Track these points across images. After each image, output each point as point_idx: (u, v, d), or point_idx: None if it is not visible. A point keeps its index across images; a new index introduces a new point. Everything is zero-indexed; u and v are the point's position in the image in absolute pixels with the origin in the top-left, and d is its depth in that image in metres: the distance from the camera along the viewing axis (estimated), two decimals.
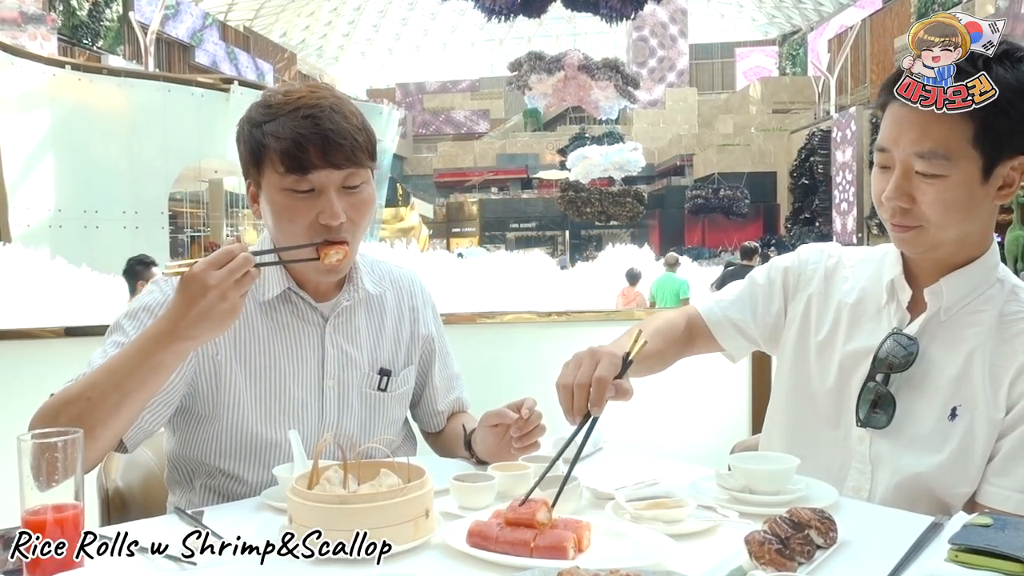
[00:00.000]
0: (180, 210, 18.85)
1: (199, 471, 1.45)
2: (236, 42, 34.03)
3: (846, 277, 1.45)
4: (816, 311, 1.45)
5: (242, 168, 1.41)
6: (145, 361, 1.19)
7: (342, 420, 1.45)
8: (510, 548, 1.02)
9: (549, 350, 2.97)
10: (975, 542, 0.93)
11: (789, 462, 1.24)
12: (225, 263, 1.16)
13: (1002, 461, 1.25)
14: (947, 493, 1.28)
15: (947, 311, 1.31)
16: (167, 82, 15.40)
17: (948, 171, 1.22)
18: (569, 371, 1.24)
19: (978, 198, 1.25)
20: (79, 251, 11.21)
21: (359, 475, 1.15)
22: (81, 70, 14.49)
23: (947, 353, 1.30)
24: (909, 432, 1.31)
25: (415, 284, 1.62)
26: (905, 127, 1.24)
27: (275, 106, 1.35)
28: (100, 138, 14.06)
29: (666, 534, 1.07)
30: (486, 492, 1.23)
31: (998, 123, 1.20)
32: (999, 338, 1.28)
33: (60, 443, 0.94)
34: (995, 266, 1.33)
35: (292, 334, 1.44)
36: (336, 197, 1.34)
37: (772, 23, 46.45)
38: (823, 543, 1.01)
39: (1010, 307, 1.30)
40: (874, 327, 1.36)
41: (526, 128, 46.13)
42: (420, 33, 54.40)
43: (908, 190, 1.25)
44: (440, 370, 1.63)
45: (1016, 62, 1.21)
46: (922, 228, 1.27)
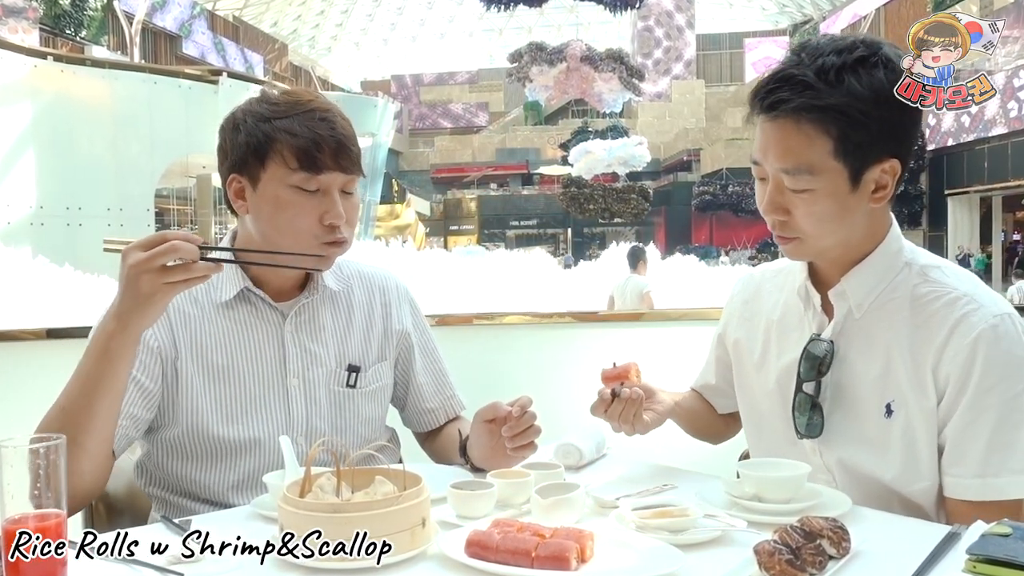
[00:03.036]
0: (167, 207, 18.84)
1: (165, 479, 1.47)
2: (225, 32, 34.07)
3: (770, 292, 1.49)
4: (745, 335, 1.51)
5: (230, 161, 1.43)
6: (99, 353, 1.22)
7: (311, 419, 1.48)
8: (510, 558, 1.02)
9: (550, 353, 2.98)
10: (993, 552, 0.93)
11: (800, 469, 1.25)
12: (153, 246, 1.17)
13: (951, 450, 1.26)
14: (909, 491, 1.30)
15: (859, 308, 1.33)
16: (153, 74, 15.42)
17: (815, 185, 1.25)
18: None
19: (850, 206, 1.27)
20: (62, 250, 11.22)
21: (353, 482, 1.15)
22: (64, 61, 14.51)
23: (868, 350, 1.32)
24: (854, 435, 1.33)
25: (388, 281, 1.64)
26: (771, 143, 1.27)
27: (283, 104, 1.40)
28: (83, 132, 14.07)
29: (672, 544, 1.07)
30: (485, 500, 1.23)
31: (856, 134, 1.23)
32: (914, 323, 1.29)
33: (42, 450, 0.95)
34: (898, 251, 1.34)
35: (251, 333, 1.46)
36: (339, 199, 1.40)
37: (783, 12, 46.50)
38: (836, 553, 1.01)
39: (921, 289, 1.31)
40: (799, 336, 1.39)
41: (527, 122, 46.18)
42: (416, 23, 54.45)
43: (782, 203, 1.29)
44: (425, 367, 1.65)
45: (871, 68, 1.23)
46: (800, 239, 1.31)
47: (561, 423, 1.44)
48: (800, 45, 1.28)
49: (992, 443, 1.22)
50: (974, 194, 23.90)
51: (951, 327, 1.25)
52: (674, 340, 2.59)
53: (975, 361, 1.23)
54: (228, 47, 32.91)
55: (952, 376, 1.25)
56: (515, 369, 2.78)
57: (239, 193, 1.43)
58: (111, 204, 14.24)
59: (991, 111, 21.16)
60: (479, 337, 2.83)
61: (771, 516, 1.17)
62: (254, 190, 1.41)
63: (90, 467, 1.26)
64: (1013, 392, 1.23)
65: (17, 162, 13.41)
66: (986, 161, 22.48)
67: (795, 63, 1.25)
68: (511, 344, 2.86)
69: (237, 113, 1.43)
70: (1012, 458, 1.22)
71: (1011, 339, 1.24)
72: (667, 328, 2.88)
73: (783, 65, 1.27)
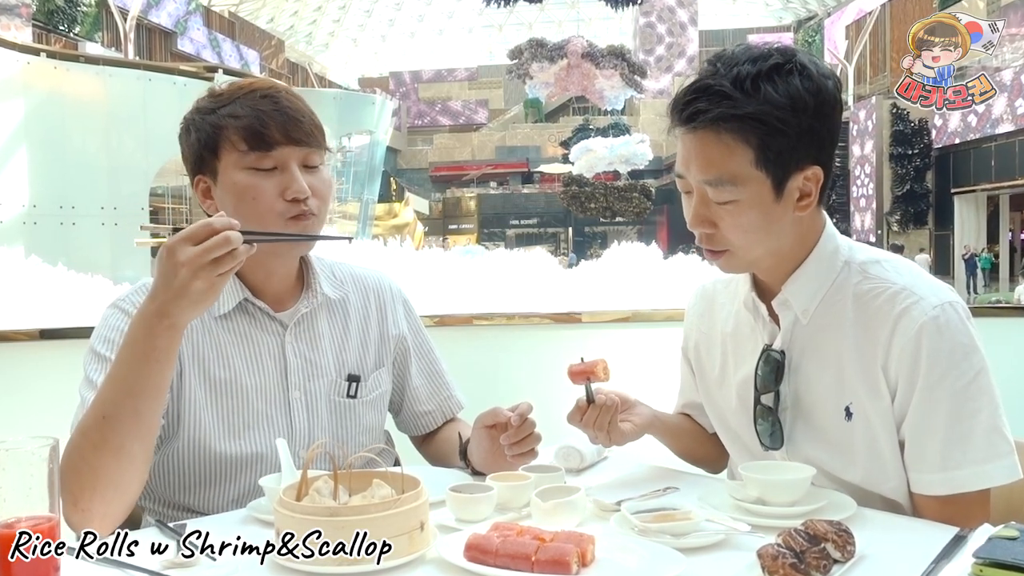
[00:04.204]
0: (161, 206, 18.83)
1: (162, 494, 1.44)
2: (221, 28, 34.06)
3: (723, 304, 1.50)
4: (706, 351, 1.51)
5: (190, 165, 1.45)
6: (142, 354, 1.18)
7: (312, 431, 1.46)
8: (510, 562, 1.02)
9: (550, 354, 2.98)
10: (1000, 556, 0.93)
11: (804, 471, 1.25)
12: (203, 239, 1.14)
13: (910, 448, 1.27)
14: (882, 491, 1.30)
15: (804, 314, 1.34)
16: (148, 70, 15.43)
17: (738, 195, 1.26)
18: None
19: (775, 216, 1.28)
20: (55, 249, 11.24)
21: (350, 486, 1.16)
22: (57, 58, 14.51)
23: (820, 355, 1.33)
24: (821, 442, 1.34)
25: (382, 283, 1.63)
26: (693, 155, 1.28)
27: (226, 94, 1.42)
28: (77, 130, 14.07)
29: (674, 547, 1.07)
30: (485, 504, 1.23)
31: (775, 143, 1.23)
32: (859, 323, 1.29)
33: (35, 453, 0.94)
34: (834, 251, 1.34)
35: (252, 346, 1.45)
36: (299, 173, 1.40)
37: (787, 8, 46.50)
38: (840, 557, 1.01)
39: (863, 286, 1.31)
40: (753, 348, 1.40)
41: (527, 119, 46.17)
42: (415, 19, 54.44)
43: (707, 216, 1.29)
44: (420, 369, 1.64)
45: (786, 75, 1.24)
46: (730, 252, 1.31)
47: (562, 425, 1.44)
48: (716, 56, 1.29)
49: (949, 436, 1.23)
50: (981, 193, 23.90)
51: (893, 323, 1.26)
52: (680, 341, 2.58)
53: (920, 355, 1.23)
54: (222, 44, 32.89)
55: (900, 373, 1.25)
56: (515, 370, 2.78)
57: (206, 193, 1.44)
58: (105, 203, 14.24)
59: (999, 109, 21.15)
60: (479, 337, 2.83)
61: (775, 519, 1.17)
62: (216, 185, 1.41)
63: (138, 474, 1.23)
64: (963, 381, 1.23)
65: (9, 160, 13.41)
66: (993, 159, 22.48)
67: (711, 73, 1.26)
68: (511, 345, 2.86)
69: (187, 115, 1.45)
70: (971, 449, 1.22)
71: (953, 328, 1.24)
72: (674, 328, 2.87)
73: (700, 76, 1.28)
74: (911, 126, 24.08)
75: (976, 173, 23.29)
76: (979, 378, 1.24)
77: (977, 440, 1.22)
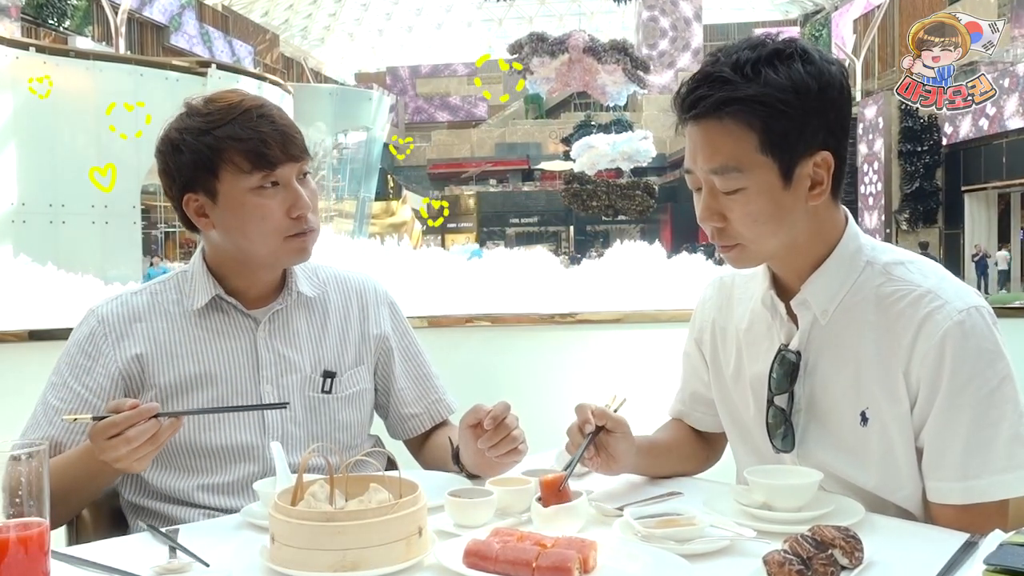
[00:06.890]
0: (153, 204, 18.85)
1: (142, 484, 1.51)
2: (214, 23, 34.05)
3: (740, 300, 1.49)
4: (721, 346, 1.51)
5: (179, 183, 1.47)
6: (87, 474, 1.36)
7: (285, 425, 1.52)
8: (510, 568, 1.02)
9: (551, 355, 2.98)
10: (1013, 563, 0.93)
11: (811, 476, 1.25)
12: (124, 429, 1.24)
13: (929, 455, 1.26)
14: (896, 499, 1.30)
15: (823, 314, 1.33)
16: (139, 65, 15.40)
17: (745, 183, 1.26)
18: None
19: (786, 205, 1.27)
20: (44, 248, 11.24)
21: (347, 490, 1.16)
22: (46, 52, 14.48)
23: (838, 357, 1.32)
24: (834, 446, 1.33)
25: (367, 284, 1.68)
26: (698, 146, 1.28)
27: (215, 112, 1.45)
28: (67, 126, 14.05)
29: (678, 554, 1.07)
30: (484, 509, 1.23)
31: (779, 126, 1.23)
32: (881, 326, 1.29)
33: (25, 457, 0.95)
34: (857, 251, 1.33)
35: (223, 340, 1.52)
36: (300, 188, 1.47)
37: (793, 2, 46.50)
38: (848, 564, 1.01)
39: (886, 288, 1.30)
40: (768, 346, 1.39)
41: (527, 115, 46.16)
42: (413, 13, 54.43)
43: (717, 209, 1.29)
44: (406, 371, 1.67)
45: (787, 60, 1.25)
46: (741, 246, 1.31)
47: (562, 427, 1.44)
48: (717, 48, 1.31)
49: (970, 444, 1.22)
50: (992, 191, 23.87)
51: (917, 327, 1.25)
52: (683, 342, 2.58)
53: (944, 361, 1.23)
54: (214, 38, 32.89)
55: (923, 378, 1.25)
56: (514, 372, 2.78)
57: (200, 211, 1.48)
58: (95, 201, 14.21)
59: (1011, 105, 21.14)
60: (477, 339, 2.82)
61: (781, 525, 1.17)
62: (215, 204, 1.45)
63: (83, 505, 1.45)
64: (987, 389, 1.22)
65: None
66: (1004, 156, 22.45)
67: (712, 62, 1.28)
68: (510, 346, 2.86)
69: (171, 133, 1.48)
70: (992, 458, 1.22)
71: (979, 333, 1.23)
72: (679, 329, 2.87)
73: (701, 67, 1.30)
74: (920, 122, 24.06)
75: (987, 170, 23.26)
76: (1003, 385, 1.23)
77: (998, 449, 1.22)
